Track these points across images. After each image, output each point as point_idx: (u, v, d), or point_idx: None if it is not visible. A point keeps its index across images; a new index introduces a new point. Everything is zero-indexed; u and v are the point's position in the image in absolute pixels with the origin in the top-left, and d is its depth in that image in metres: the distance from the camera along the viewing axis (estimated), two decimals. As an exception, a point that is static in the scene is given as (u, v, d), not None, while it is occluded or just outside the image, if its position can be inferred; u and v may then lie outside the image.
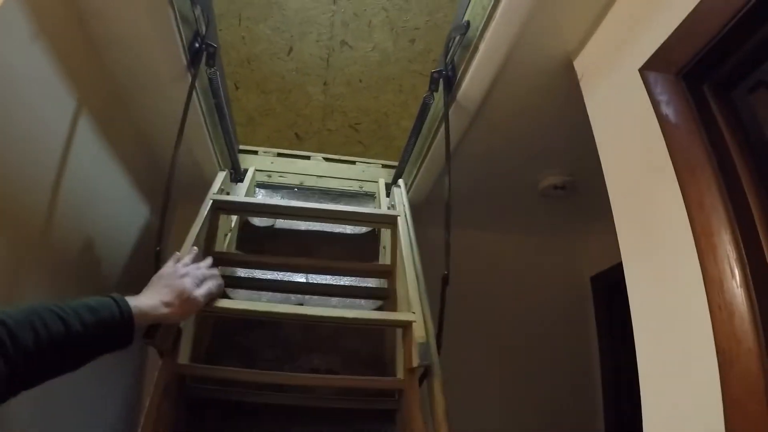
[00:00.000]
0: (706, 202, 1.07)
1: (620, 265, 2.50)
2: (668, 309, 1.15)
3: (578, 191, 2.34)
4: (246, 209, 1.82)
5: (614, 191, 1.45)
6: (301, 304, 1.79)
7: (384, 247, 1.95)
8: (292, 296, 1.82)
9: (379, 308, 1.83)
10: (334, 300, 1.80)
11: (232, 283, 1.72)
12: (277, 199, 2.16)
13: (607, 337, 2.62)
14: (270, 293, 1.80)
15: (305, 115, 3.21)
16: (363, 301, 1.81)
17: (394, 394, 1.57)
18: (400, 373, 1.54)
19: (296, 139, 3.19)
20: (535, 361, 2.66)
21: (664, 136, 1.21)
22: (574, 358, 2.70)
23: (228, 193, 1.99)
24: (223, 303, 1.40)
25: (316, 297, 1.81)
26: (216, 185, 1.86)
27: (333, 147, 3.13)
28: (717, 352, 0.95)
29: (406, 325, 1.43)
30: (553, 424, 2.60)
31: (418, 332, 1.40)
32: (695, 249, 1.06)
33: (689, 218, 1.10)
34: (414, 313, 1.45)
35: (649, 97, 1.27)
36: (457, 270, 1.62)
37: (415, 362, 1.36)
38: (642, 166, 1.31)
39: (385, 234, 1.96)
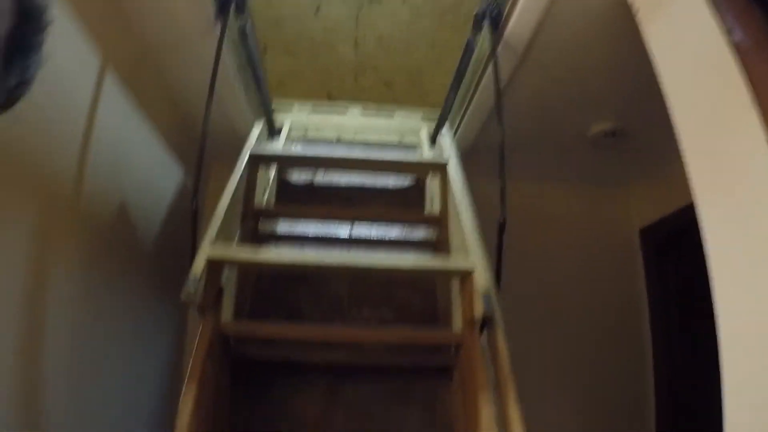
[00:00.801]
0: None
1: (671, 216, 2.33)
2: (753, 252, 0.96)
3: (629, 139, 2.15)
4: (286, 161, 1.68)
5: (684, 128, 1.26)
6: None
7: (432, 198, 1.79)
8: (336, 252, 1.69)
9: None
10: (381, 255, 1.66)
11: (273, 238, 1.59)
12: (318, 149, 2.00)
13: (657, 290, 2.44)
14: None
15: (337, 75, 3.03)
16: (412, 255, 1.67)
17: (450, 350, 1.44)
18: (457, 327, 1.40)
19: (328, 100, 3.03)
20: (581, 315, 2.51)
21: (739, 64, 1.02)
22: (622, 313, 2.54)
23: (264, 148, 1.85)
24: (268, 254, 1.27)
25: (361, 251, 1.67)
26: (253, 138, 1.72)
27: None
28: None
29: (466, 274, 1.28)
30: (600, 380, 2.46)
31: (480, 281, 1.25)
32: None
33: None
34: (473, 261, 1.30)
35: (719, 23, 1.09)
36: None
37: (479, 313, 1.22)
38: (714, 99, 1.12)
39: (433, 184, 1.79)
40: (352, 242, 1.68)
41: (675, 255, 2.36)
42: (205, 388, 1.20)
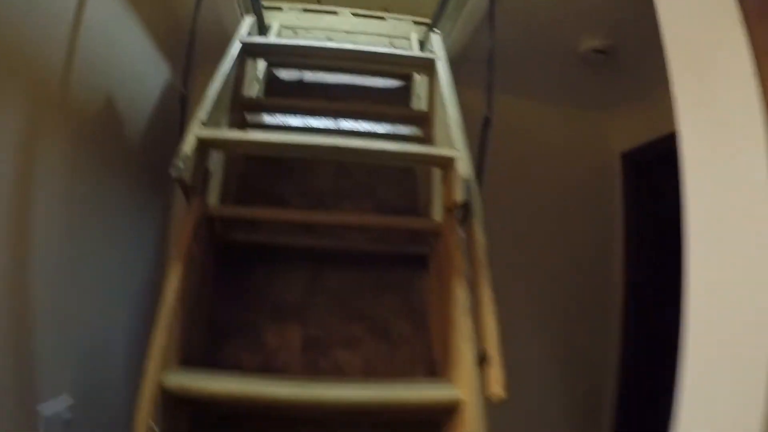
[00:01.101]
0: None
1: (654, 142, 2.34)
2: (730, 177, 0.95)
3: (618, 59, 2.11)
4: (277, 51, 1.63)
5: (674, 50, 1.22)
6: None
7: (419, 96, 1.77)
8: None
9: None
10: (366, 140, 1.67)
11: (261, 129, 1.58)
12: (309, 41, 1.95)
13: (633, 214, 2.48)
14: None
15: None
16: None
17: (428, 240, 1.48)
18: (438, 217, 1.43)
19: (318, 3, 2.90)
20: (556, 234, 2.54)
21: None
22: (596, 235, 2.57)
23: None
24: (257, 136, 1.27)
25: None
26: (243, 30, 1.66)
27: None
28: None
29: (448, 162, 1.30)
30: (572, 296, 2.53)
31: (462, 168, 1.27)
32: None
33: (757, 69, 0.88)
34: (456, 150, 1.32)
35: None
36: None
37: (458, 198, 1.24)
38: (707, 24, 1.05)
39: (421, 84, 1.77)
40: (339, 134, 1.68)
41: (655, 181, 2.39)
42: (191, 268, 1.22)
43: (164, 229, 2.16)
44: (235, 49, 1.55)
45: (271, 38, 1.86)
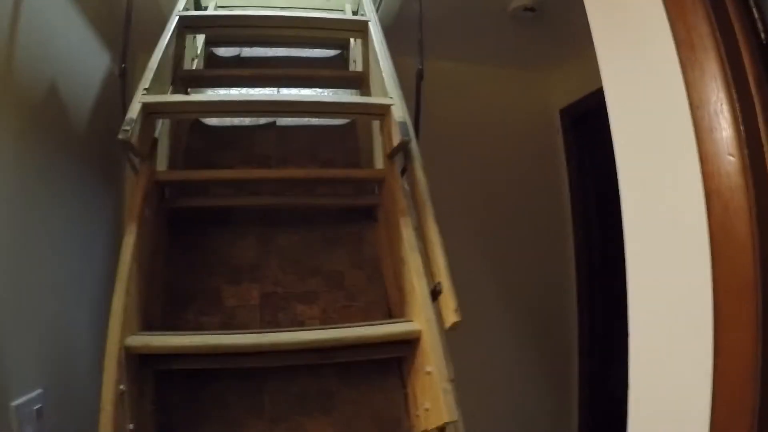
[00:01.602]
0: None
1: (590, 96, 2.41)
2: (652, 133, 1.00)
3: (549, 15, 2.17)
4: (214, 22, 1.61)
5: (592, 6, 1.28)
6: (275, 122, 1.67)
7: (354, 62, 1.79)
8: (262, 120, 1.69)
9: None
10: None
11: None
12: (246, 11, 1.91)
13: (576, 169, 2.56)
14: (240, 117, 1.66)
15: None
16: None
17: (373, 192, 1.50)
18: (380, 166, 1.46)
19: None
20: (503, 196, 2.58)
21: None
22: (543, 193, 2.63)
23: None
24: (198, 97, 1.26)
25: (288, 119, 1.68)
26: (181, 3, 1.64)
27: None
28: (702, 170, 0.83)
29: (385, 110, 1.32)
30: (522, 262, 2.58)
31: (397, 112, 1.31)
32: (678, 62, 0.91)
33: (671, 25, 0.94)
34: (391, 98, 1.35)
35: None
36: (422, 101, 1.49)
37: (396, 140, 1.27)
38: None
39: (356, 49, 1.79)
40: (281, 104, 1.68)
41: (594, 134, 2.45)
42: (145, 232, 1.21)
43: (118, 213, 2.11)
44: (172, 22, 1.53)
45: (209, 11, 1.83)
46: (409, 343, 1.22)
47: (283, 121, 1.66)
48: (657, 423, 0.96)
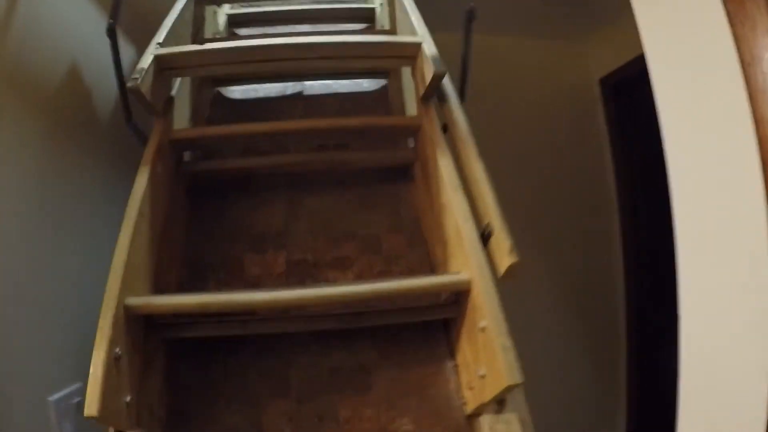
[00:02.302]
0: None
1: (630, 63, 2.18)
2: (700, 96, 0.88)
3: None
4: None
5: None
6: (301, 92, 1.52)
7: (382, 26, 1.61)
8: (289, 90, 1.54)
9: (384, 87, 1.54)
10: (336, 85, 1.52)
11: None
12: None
13: (618, 139, 2.32)
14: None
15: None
16: (366, 82, 1.52)
17: (408, 146, 1.30)
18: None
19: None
20: (545, 171, 2.35)
21: None
22: (585, 165, 2.40)
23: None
24: (214, 45, 1.13)
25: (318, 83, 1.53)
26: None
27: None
28: (758, 135, 0.71)
29: (416, 52, 1.13)
30: (567, 240, 2.35)
31: (429, 49, 1.12)
32: (726, 15, 0.79)
33: None
34: (421, 37, 1.16)
35: None
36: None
37: (429, 75, 1.08)
38: None
39: (382, 15, 1.62)
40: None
41: (636, 104, 2.23)
42: (156, 188, 1.05)
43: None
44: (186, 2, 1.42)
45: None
46: (456, 304, 0.99)
47: (311, 90, 1.51)
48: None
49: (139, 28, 1.62)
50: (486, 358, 0.86)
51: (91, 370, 0.76)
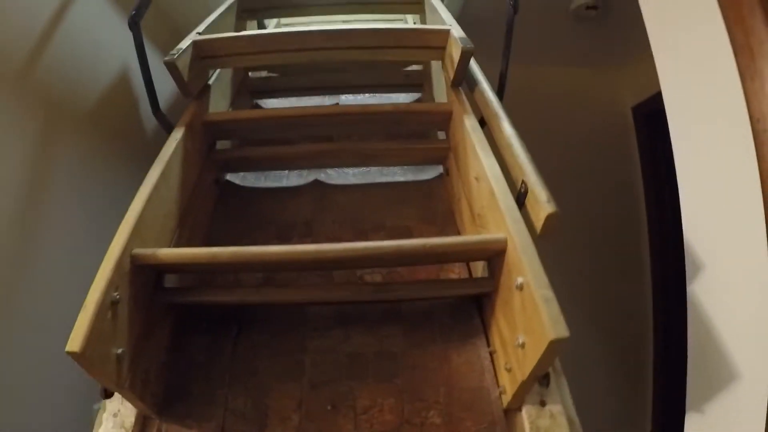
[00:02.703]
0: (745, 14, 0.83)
1: (659, 93, 2.09)
2: (712, 148, 0.93)
3: (613, 12, 1.95)
4: (277, 4, 1.52)
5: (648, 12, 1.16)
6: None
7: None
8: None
9: (417, 100, 1.52)
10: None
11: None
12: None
13: (650, 166, 2.17)
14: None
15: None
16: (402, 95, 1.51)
17: (442, 142, 1.23)
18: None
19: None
20: (577, 197, 2.16)
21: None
22: (617, 193, 2.25)
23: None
24: (252, 32, 1.15)
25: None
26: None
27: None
28: (763, 191, 0.76)
29: (444, 41, 1.11)
30: (597, 261, 2.20)
31: (457, 32, 1.09)
32: (737, 70, 0.83)
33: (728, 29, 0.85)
34: (448, 24, 1.14)
35: None
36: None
37: (457, 54, 1.04)
38: None
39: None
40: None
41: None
42: (182, 161, 1.03)
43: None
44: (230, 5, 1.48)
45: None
46: (491, 277, 0.86)
47: (347, 99, 1.51)
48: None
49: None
50: (524, 319, 0.72)
51: (83, 306, 0.69)
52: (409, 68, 1.64)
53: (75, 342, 0.64)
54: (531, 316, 0.70)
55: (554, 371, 0.81)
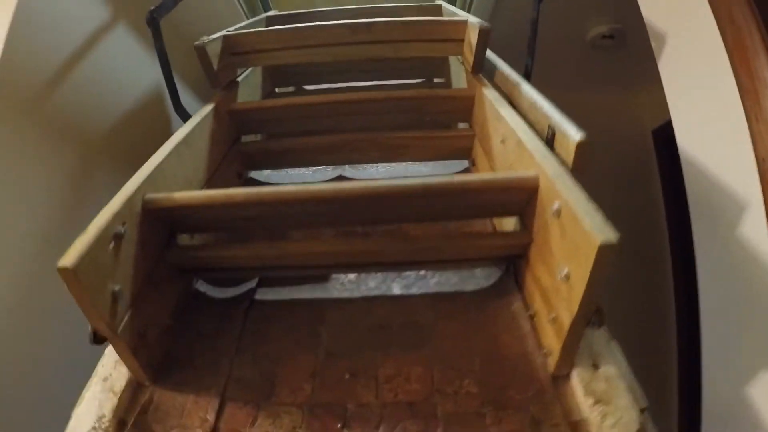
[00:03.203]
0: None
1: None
2: (721, 186, 0.94)
3: (630, 39, 1.96)
4: (303, 19, 1.54)
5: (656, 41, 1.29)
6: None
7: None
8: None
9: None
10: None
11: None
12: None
13: (671, 188, 2.03)
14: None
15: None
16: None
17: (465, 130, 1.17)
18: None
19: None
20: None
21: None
22: (639, 215, 2.11)
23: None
24: (276, 28, 1.18)
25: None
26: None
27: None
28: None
29: (462, 32, 1.11)
30: (620, 285, 1.97)
31: (474, 19, 1.09)
32: (744, 111, 0.87)
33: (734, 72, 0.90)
34: (465, 17, 1.15)
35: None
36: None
37: (475, 36, 1.03)
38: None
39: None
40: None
41: None
42: (207, 136, 1.00)
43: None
44: (259, 18, 1.55)
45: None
46: (525, 231, 0.76)
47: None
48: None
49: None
50: (566, 246, 0.62)
51: (86, 230, 0.62)
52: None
53: (69, 257, 0.57)
54: (573, 236, 0.60)
55: (605, 337, 0.68)
